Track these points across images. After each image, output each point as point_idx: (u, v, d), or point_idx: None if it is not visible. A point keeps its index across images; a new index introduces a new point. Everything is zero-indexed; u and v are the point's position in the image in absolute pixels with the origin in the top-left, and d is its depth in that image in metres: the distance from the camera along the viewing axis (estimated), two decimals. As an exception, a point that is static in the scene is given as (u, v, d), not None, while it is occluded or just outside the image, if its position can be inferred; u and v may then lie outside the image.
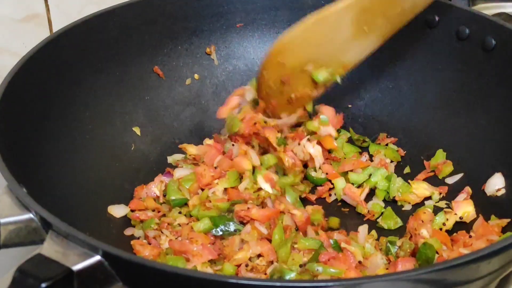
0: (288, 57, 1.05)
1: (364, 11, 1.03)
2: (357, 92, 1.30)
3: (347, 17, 1.03)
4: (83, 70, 1.11)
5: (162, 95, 1.25)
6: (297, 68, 1.07)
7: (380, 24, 1.06)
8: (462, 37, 1.17)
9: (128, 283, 0.74)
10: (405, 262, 0.92)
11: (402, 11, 1.05)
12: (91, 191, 1.04)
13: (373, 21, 1.05)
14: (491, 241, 0.93)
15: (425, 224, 1.00)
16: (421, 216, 1.01)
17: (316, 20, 1.03)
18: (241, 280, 0.70)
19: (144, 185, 1.11)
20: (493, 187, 1.05)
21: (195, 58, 1.29)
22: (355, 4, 1.02)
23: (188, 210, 1.06)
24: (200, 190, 1.09)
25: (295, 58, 1.05)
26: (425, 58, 1.22)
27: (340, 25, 1.04)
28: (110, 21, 1.17)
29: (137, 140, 1.19)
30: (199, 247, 0.93)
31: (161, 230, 1.02)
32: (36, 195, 0.80)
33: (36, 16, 1.34)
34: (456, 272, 0.71)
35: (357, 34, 1.05)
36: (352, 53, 1.09)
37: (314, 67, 1.06)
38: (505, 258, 0.76)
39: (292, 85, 1.08)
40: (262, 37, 1.33)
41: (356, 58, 1.10)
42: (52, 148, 1.00)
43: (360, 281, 0.70)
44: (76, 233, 0.73)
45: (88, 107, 1.11)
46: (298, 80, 1.08)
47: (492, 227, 0.97)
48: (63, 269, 0.69)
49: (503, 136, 1.09)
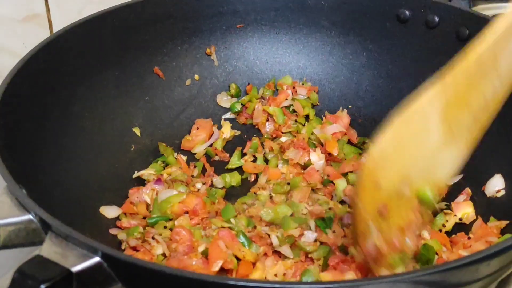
0: (383, 176, 0.84)
1: (449, 105, 0.85)
2: (357, 93, 1.30)
3: (434, 112, 0.85)
4: (83, 70, 1.11)
5: (162, 96, 1.25)
6: (393, 189, 0.85)
7: (467, 122, 0.87)
8: (462, 37, 1.17)
9: (127, 284, 0.74)
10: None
11: (485, 103, 0.87)
12: (91, 192, 1.04)
13: (460, 117, 0.86)
14: (490, 243, 0.93)
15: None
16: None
17: (403, 120, 0.85)
18: (240, 282, 0.70)
19: (138, 187, 1.10)
20: (493, 188, 1.05)
21: (195, 59, 1.29)
22: (440, 93, 0.84)
23: (173, 224, 1.03)
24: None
25: (390, 175, 0.84)
26: (425, 59, 1.22)
27: (428, 122, 0.85)
28: (110, 22, 1.17)
29: (137, 140, 1.19)
30: (198, 261, 0.91)
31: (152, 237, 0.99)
32: (35, 196, 0.80)
33: (36, 16, 1.34)
34: (456, 274, 0.71)
35: (446, 136, 0.86)
36: (443, 166, 0.88)
37: (410, 186, 0.86)
38: (504, 260, 0.76)
39: (393, 215, 0.85)
40: (262, 38, 1.33)
41: (447, 173, 0.90)
42: (51, 149, 1.00)
43: (360, 283, 0.70)
44: (75, 235, 0.73)
45: (88, 108, 1.11)
46: (398, 206, 0.86)
47: (491, 228, 0.97)
48: (62, 270, 0.69)
49: (503, 137, 1.08)
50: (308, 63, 1.34)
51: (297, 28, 1.33)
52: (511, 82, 0.84)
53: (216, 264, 0.89)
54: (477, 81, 0.84)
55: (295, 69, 1.34)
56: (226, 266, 0.90)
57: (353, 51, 1.31)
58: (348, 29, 1.30)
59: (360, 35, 1.29)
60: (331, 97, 1.32)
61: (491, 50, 0.83)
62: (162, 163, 1.17)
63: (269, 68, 1.34)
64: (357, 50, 1.30)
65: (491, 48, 0.83)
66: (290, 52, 1.34)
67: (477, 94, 0.85)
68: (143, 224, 1.03)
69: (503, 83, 0.84)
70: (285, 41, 1.34)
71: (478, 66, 0.83)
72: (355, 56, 1.31)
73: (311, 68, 1.34)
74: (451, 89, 0.84)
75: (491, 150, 1.09)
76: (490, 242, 0.93)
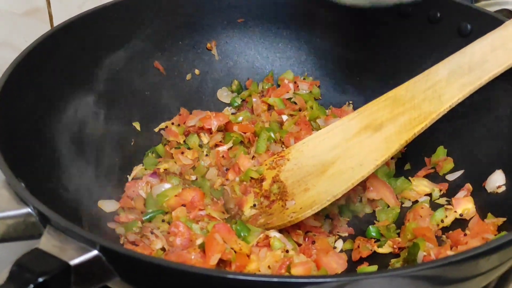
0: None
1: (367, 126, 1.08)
2: (358, 88, 1.30)
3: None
4: (83, 64, 1.11)
5: (163, 91, 1.25)
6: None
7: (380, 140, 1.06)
8: (464, 33, 1.17)
9: (125, 277, 0.74)
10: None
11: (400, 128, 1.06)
12: (90, 186, 1.04)
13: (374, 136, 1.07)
14: (486, 240, 0.93)
15: (423, 219, 1.00)
16: (419, 212, 1.01)
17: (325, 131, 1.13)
18: (238, 275, 0.70)
19: (135, 181, 1.10)
20: (493, 184, 1.05)
21: (196, 54, 1.29)
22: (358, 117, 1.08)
23: (171, 217, 1.03)
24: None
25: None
26: (426, 54, 1.21)
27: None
28: (110, 16, 1.17)
29: (137, 135, 1.19)
30: (197, 255, 0.91)
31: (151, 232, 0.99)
32: (34, 189, 0.80)
33: (37, 11, 1.34)
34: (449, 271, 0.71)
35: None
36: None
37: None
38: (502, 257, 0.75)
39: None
40: (263, 33, 1.33)
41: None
42: (50, 142, 1.00)
43: (357, 278, 0.70)
44: (73, 228, 0.73)
45: (88, 102, 1.11)
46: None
47: (488, 225, 0.96)
48: (61, 264, 0.69)
49: (504, 133, 1.08)
50: (309, 58, 1.34)
51: (298, 23, 1.32)
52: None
53: (213, 258, 0.89)
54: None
55: (296, 64, 1.34)
56: (225, 257, 0.90)
57: (354, 46, 1.30)
58: (349, 25, 1.29)
59: (362, 30, 1.29)
60: (333, 92, 1.32)
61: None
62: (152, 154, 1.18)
63: (270, 63, 1.34)
64: (359, 45, 1.30)
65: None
66: (291, 47, 1.34)
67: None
68: (141, 218, 1.03)
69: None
70: (286, 36, 1.34)
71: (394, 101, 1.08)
72: (356, 51, 1.30)
73: (312, 63, 1.34)
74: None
75: (491, 146, 1.09)
76: (486, 239, 0.93)
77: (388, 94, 1.10)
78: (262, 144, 1.16)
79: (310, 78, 1.33)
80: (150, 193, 1.07)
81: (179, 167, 1.13)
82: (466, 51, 1.06)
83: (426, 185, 1.11)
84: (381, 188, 1.10)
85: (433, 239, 0.96)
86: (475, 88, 1.01)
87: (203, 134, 1.20)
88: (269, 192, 1.08)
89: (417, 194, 1.11)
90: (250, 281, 0.68)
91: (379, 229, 1.04)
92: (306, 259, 0.94)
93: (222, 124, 1.20)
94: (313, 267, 0.92)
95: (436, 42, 1.21)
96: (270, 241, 0.97)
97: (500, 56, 1.01)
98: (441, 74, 1.05)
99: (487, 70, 1.01)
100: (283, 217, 1.02)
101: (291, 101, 1.29)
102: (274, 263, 0.92)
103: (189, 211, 1.03)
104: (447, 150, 1.15)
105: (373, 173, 1.05)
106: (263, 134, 1.18)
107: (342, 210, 1.10)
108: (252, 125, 1.21)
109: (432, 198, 1.10)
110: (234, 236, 0.93)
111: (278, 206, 1.05)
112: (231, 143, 1.19)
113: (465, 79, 1.02)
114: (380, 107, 1.09)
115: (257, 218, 1.04)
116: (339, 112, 1.26)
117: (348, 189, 1.02)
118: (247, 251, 0.93)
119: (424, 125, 1.03)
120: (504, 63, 1.00)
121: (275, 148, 1.17)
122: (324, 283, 0.69)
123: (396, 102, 1.08)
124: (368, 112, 1.10)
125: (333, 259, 0.97)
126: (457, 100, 1.02)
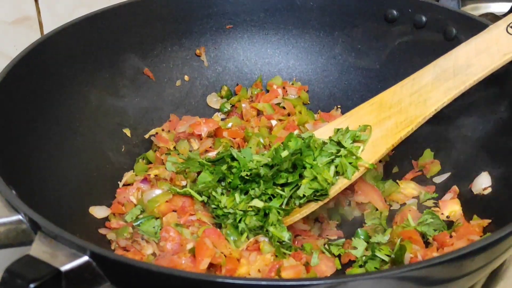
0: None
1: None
2: (346, 93, 1.31)
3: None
4: (73, 72, 1.12)
5: (152, 97, 1.26)
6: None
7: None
8: (449, 37, 1.18)
9: (116, 283, 0.75)
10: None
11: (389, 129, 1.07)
12: (81, 193, 1.04)
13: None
14: (471, 241, 0.93)
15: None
16: (407, 214, 1.03)
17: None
18: (227, 279, 0.71)
19: (126, 187, 1.11)
20: (479, 186, 1.06)
21: (185, 60, 1.30)
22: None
23: (161, 223, 1.03)
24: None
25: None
26: (413, 58, 1.22)
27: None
28: (100, 24, 1.17)
29: (128, 141, 1.19)
30: (187, 260, 0.92)
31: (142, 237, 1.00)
32: (25, 196, 0.81)
33: (27, 19, 1.35)
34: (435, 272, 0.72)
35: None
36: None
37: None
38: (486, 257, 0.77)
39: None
40: (252, 38, 1.34)
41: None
42: (42, 150, 1.00)
43: (346, 280, 0.71)
44: (64, 234, 0.73)
45: (78, 109, 1.12)
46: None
47: (473, 227, 0.97)
48: (51, 270, 0.70)
49: (490, 135, 1.09)
50: (298, 64, 1.35)
51: (286, 29, 1.34)
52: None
53: (203, 262, 0.89)
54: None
55: (284, 69, 1.35)
56: (215, 262, 0.91)
57: (342, 51, 1.32)
58: (336, 30, 1.31)
59: (349, 35, 1.30)
60: (321, 96, 1.33)
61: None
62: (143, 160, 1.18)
63: (258, 69, 1.35)
64: (346, 50, 1.31)
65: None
66: (280, 53, 1.35)
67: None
68: (132, 224, 1.04)
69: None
70: (275, 42, 1.35)
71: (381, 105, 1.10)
72: (344, 56, 1.32)
73: (300, 68, 1.35)
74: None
75: (478, 148, 1.10)
76: (472, 241, 0.94)
77: (374, 99, 1.12)
78: (252, 149, 1.17)
79: (299, 83, 1.34)
80: (141, 199, 1.08)
81: (169, 173, 1.14)
82: (451, 55, 1.07)
83: (414, 188, 1.13)
84: (369, 191, 1.11)
85: (420, 241, 0.98)
86: (460, 92, 1.03)
87: (193, 140, 1.21)
88: None
89: (405, 196, 1.12)
90: (239, 284, 0.69)
91: (367, 232, 1.05)
92: (295, 262, 0.95)
93: (212, 130, 1.21)
94: (302, 270, 0.93)
95: (423, 47, 1.22)
96: (260, 245, 0.98)
97: (484, 60, 1.02)
98: (426, 78, 1.07)
99: (472, 74, 1.02)
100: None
101: (280, 106, 1.30)
102: (264, 267, 0.93)
103: (180, 217, 1.03)
104: (434, 153, 1.16)
105: (361, 177, 1.06)
106: (252, 140, 1.19)
107: (331, 213, 1.11)
108: (241, 131, 1.22)
109: (419, 201, 1.11)
110: (224, 240, 0.94)
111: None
112: (221, 148, 1.19)
113: (450, 83, 1.03)
114: (366, 112, 1.10)
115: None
116: (327, 117, 1.27)
117: (337, 192, 1.03)
118: (237, 255, 0.94)
119: (410, 129, 1.04)
120: (488, 66, 1.01)
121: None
122: (313, 285, 0.70)
123: (382, 106, 1.09)
124: (355, 117, 1.11)
125: (323, 262, 0.98)
126: (442, 104, 1.03)
